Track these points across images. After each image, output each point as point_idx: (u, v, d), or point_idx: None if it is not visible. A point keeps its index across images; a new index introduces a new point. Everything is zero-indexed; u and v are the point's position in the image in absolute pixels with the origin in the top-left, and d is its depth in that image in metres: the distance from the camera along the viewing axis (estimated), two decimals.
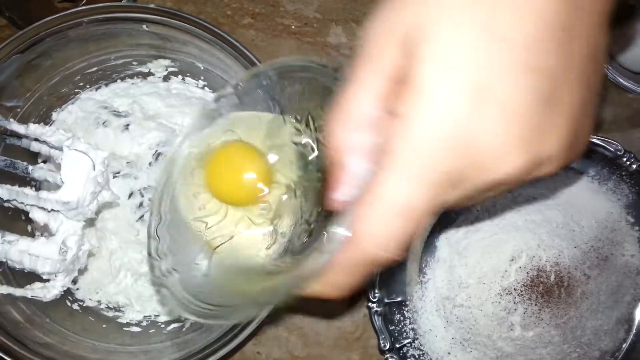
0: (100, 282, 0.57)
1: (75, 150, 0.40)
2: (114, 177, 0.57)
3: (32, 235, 0.54)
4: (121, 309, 0.57)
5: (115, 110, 0.59)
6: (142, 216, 0.58)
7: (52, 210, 0.40)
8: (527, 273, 0.58)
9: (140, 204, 0.58)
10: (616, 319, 0.59)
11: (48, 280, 0.42)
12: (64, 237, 0.40)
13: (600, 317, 0.58)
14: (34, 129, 0.41)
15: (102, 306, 0.57)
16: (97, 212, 0.43)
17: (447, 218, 0.61)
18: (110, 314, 0.57)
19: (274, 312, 0.45)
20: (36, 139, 0.42)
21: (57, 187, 0.40)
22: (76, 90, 0.58)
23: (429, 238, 0.61)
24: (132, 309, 0.57)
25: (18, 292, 0.42)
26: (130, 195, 0.58)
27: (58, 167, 0.41)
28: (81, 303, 0.56)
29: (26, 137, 0.44)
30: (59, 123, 0.58)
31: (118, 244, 0.58)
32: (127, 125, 0.59)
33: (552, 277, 0.58)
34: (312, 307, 0.61)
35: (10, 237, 0.41)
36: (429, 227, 0.61)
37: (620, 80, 0.62)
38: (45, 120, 0.58)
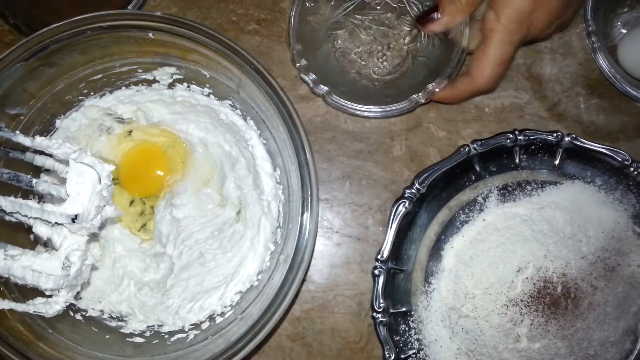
0: (103, 291, 0.57)
1: (82, 163, 0.39)
2: (115, 183, 0.57)
3: (34, 244, 0.54)
4: (124, 318, 0.57)
5: (119, 117, 0.59)
6: (144, 225, 0.58)
7: (56, 224, 0.39)
8: (534, 284, 0.57)
9: (142, 212, 0.58)
10: (622, 330, 0.58)
11: (51, 296, 0.41)
12: (67, 252, 0.39)
13: (606, 329, 0.58)
14: (40, 141, 0.40)
15: (105, 316, 0.57)
16: (101, 227, 0.42)
17: (453, 227, 0.60)
18: (113, 323, 0.56)
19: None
20: (41, 152, 0.42)
21: (60, 200, 0.40)
22: (80, 98, 0.58)
23: (434, 247, 0.61)
24: (135, 319, 0.56)
25: (20, 307, 0.41)
26: (131, 203, 0.58)
27: (62, 180, 0.40)
28: (84, 313, 0.56)
29: (30, 150, 0.43)
30: (63, 130, 0.58)
31: (121, 252, 0.57)
32: (130, 132, 0.58)
33: (559, 289, 0.57)
34: (316, 317, 0.61)
35: (13, 251, 0.40)
36: (434, 236, 0.61)
37: (629, 89, 0.62)
38: (49, 127, 0.57)
